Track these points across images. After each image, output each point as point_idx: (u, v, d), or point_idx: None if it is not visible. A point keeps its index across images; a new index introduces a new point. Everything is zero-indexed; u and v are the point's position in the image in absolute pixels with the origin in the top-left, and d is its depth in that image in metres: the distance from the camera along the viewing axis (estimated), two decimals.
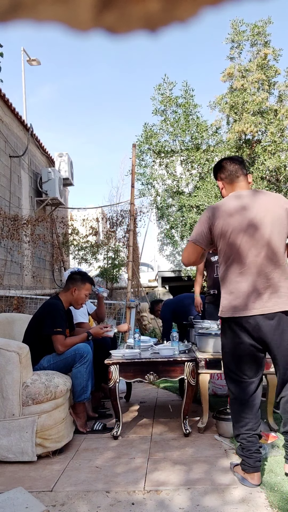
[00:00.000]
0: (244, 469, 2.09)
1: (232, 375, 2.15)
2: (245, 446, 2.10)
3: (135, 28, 0.32)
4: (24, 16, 0.31)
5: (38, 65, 9.43)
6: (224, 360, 2.21)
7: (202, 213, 2.23)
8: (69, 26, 0.32)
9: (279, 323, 2.01)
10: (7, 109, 6.44)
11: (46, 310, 3.04)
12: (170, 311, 4.72)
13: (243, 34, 8.30)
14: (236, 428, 2.16)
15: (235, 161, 2.24)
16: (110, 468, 2.37)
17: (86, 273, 3.34)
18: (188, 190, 8.89)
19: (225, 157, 2.33)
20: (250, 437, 2.09)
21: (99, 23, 0.32)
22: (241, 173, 2.21)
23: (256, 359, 2.10)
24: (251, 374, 2.11)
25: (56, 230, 8.55)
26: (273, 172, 8.31)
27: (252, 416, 2.11)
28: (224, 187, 2.25)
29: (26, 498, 1.96)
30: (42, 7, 0.31)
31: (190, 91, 8.50)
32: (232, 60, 8.59)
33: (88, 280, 3.24)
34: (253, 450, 2.08)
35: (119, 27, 0.32)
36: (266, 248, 2.03)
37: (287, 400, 2.08)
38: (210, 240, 2.17)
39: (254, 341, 2.06)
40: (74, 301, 3.19)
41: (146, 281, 11.38)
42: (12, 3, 0.31)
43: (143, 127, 8.67)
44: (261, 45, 8.31)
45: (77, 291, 3.16)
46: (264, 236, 2.04)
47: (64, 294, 3.19)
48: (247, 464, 2.08)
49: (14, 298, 5.68)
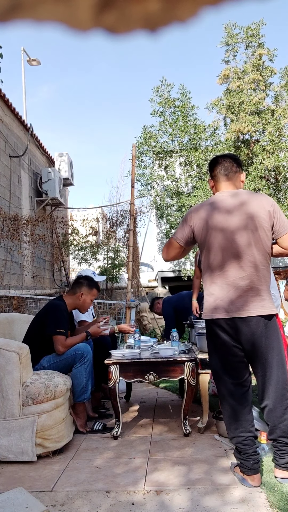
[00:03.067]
0: (243, 472, 2.07)
1: (220, 377, 2.13)
2: (242, 449, 2.06)
3: (135, 28, 0.32)
4: (24, 16, 0.31)
5: (38, 65, 9.43)
6: (211, 362, 2.20)
7: (185, 213, 2.23)
8: (69, 26, 0.32)
9: (258, 327, 1.99)
10: (7, 109, 6.44)
11: (49, 310, 3.05)
12: (172, 308, 4.74)
13: (237, 37, 8.32)
14: (230, 431, 2.13)
15: (228, 158, 2.22)
16: (110, 468, 2.37)
17: (93, 279, 3.36)
18: (187, 190, 8.90)
19: (219, 155, 2.32)
20: (245, 440, 2.06)
21: (99, 23, 0.32)
22: (232, 170, 2.18)
23: (242, 361, 2.08)
24: (239, 376, 2.09)
25: (56, 230, 8.55)
26: (272, 171, 8.32)
27: (244, 418, 2.07)
28: (214, 185, 2.24)
29: (26, 498, 1.96)
30: (42, 7, 0.31)
31: (187, 94, 8.51)
32: (228, 63, 8.62)
33: (95, 286, 3.27)
34: (250, 452, 2.05)
35: (119, 27, 0.32)
36: (248, 251, 2.02)
37: (270, 409, 2.05)
38: (191, 239, 2.19)
39: (235, 343, 2.05)
40: (80, 306, 3.21)
41: (146, 281, 11.37)
42: (12, 3, 0.31)
43: (142, 129, 8.68)
44: (256, 46, 8.33)
45: (84, 296, 3.18)
46: (246, 238, 2.03)
47: (70, 298, 3.20)
48: (245, 467, 2.05)
49: (14, 298, 5.68)
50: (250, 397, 2.13)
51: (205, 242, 2.11)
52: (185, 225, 2.19)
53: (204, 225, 2.11)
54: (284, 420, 2.03)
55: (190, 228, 2.16)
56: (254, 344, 2.01)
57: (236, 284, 2.02)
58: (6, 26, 0.32)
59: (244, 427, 2.07)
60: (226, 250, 2.04)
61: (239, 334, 2.02)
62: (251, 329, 2.00)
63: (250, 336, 2.00)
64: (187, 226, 2.18)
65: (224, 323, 2.04)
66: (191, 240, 2.19)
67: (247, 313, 1.99)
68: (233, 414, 2.10)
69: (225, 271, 2.04)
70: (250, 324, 1.99)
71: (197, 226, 2.14)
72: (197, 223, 2.14)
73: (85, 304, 3.20)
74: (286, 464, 2.06)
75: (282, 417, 2.03)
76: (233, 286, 2.02)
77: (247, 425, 2.08)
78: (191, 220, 2.16)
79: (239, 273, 2.02)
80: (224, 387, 2.12)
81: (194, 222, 2.15)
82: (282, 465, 2.07)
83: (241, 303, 2.01)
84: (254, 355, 2.04)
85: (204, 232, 2.11)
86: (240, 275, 2.02)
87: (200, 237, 2.14)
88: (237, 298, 2.01)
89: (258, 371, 2.07)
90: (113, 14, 0.31)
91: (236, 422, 2.08)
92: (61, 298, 3.21)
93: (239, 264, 2.02)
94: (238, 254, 2.02)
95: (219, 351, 2.11)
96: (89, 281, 3.26)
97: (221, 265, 2.05)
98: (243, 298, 2.01)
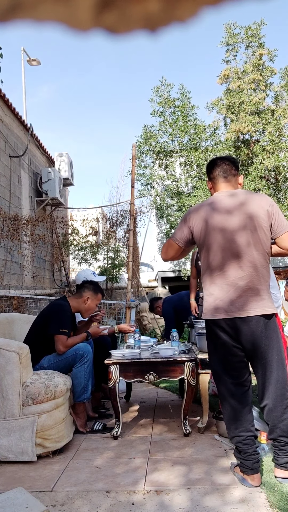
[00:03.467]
0: (243, 471, 2.07)
1: (220, 377, 2.13)
2: (242, 449, 2.07)
3: (135, 28, 0.32)
4: (24, 16, 0.31)
5: (38, 65, 9.43)
6: (211, 362, 2.20)
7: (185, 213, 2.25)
8: (69, 26, 0.32)
9: (257, 326, 2.00)
10: (7, 109, 6.44)
11: (53, 310, 3.05)
12: (172, 308, 4.74)
13: (237, 37, 8.33)
14: (230, 431, 2.13)
15: (226, 160, 2.22)
16: (110, 468, 2.37)
17: (98, 284, 3.39)
18: (187, 190, 8.90)
19: (218, 157, 2.33)
20: (245, 440, 2.06)
21: (99, 23, 0.32)
22: (231, 173, 2.19)
23: (242, 361, 2.09)
24: (239, 376, 2.09)
25: (56, 230, 8.55)
26: (272, 171, 8.33)
27: (244, 418, 2.08)
28: (213, 186, 2.25)
29: (26, 498, 1.96)
30: (42, 7, 0.31)
31: (187, 94, 8.52)
32: (228, 63, 8.63)
33: (100, 292, 3.30)
34: (250, 452, 2.05)
35: (119, 27, 0.32)
36: (247, 251, 2.02)
37: (270, 408, 2.05)
38: (190, 240, 2.19)
39: (235, 343, 2.05)
40: (84, 310, 3.22)
41: (146, 281, 11.37)
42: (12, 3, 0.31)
43: (142, 129, 8.69)
44: (256, 46, 8.34)
45: (90, 300, 3.19)
46: (245, 239, 2.03)
47: (75, 300, 3.20)
48: (245, 467, 2.05)
49: (14, 298, 5.68)
50: (250, 397, 2.13)
51: (204, 242, 2.11)
52: (184, 226, 2.19)
53: (203, 225, 2.11)
54: (284, 420, 2.03)
55: (189, 229, 2.16)
56: (254, 344, 2.01)
57: (236, 284, 2.02)
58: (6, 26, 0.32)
59: (244, 427, 2.07)
60: (226, 250, 2.04)
61: (239, 334, 2.02)
62: (251, 329, 2.00)
63: (250, 336, 2.00)
64: (186, 227, 2.18)
65: (224, 323, 2.04)
66: (190, 240, 2.19)
67: (247, 313, 1.99)
68: (233, 413, 2.10)
69: (225, 271, 2.04)
70: (250, 324, 2.00)
71: (196, 227, 2.14)
72: (196, 224, 2.14)
73: (90, 309, 3.23)
74: (286, 464, 2.06)
75: (282, 417, 2.03)
76: (233, 286, 2.02)
77: (247, 425, 2.08)
78: (190, 221, 2.16)
79: (239, 273, 2.02)
80: (224, 387, 2.12)
81: (194, 222, 2.15)
82: (282, 464, 2.07)
83: (240, 303, 2.01)
84: (254, 355, 2.04)
85: (204, 232, 2.10)
86: (240, 275, 2.02)
87: (199, 238, 2.14)
88: (237, 298, 2.01)
89: (258, 370, 2.07)
90: (113, 14, 0.31)
91: (236, 421, 2.09)
92: (65, 299, 3.21)
93: (238, 264, 2.02)
94: (238, 254, 2.02)
95: (219, 351, 2.11)
96: (94, 286, 3.27)
97: (221, 265, 2.05)
98: (243, 298, 2.01)
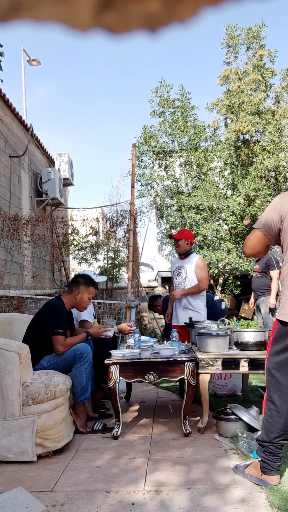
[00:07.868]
0: (265, 472, 2.04)
1: (277, 378, 1.98)
2: (272, 451, 2.02)
3: (135, 28, 0.32)
4: (24, 16, 0.31)
5: (38, 65, 9.43)
6: (272, 363, 2.00)
7: (274, 199, 1.93)
8: (69, 26, 0.32)
9: None
10: (7, 109, 6.44)
11: (47, 311, 3.05)
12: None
13: (238, 38, 8.33)
14: (266, 435, 2.04)
15: None
16: (110, 468, 2.37)
17: (90, 277, 3.34)
18: (187, 190, 8.90)
19: None
20: (279, 444, 2.03)
21: (99, 23, 0.32)
22: None
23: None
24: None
25: (56, 230, 8.55)
26: (272, 171, 8.33)
27: (286, 428, 2.02)
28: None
29: (26, 498, 1.96)
30: (42, 7, 0.31)
31: (187, 94, 8.52)
32: (229, 65, 8.64)
33: (92, 284, 3.24)
34: (280, 455, 2.03)
35: (119, 27, 0.32)
36: None
37: None
38: (277, 231, 1.88)
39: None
40: (77, 305, 3.20)
41: (146, 281, 11.36)
42: (12, 3, 0.31)
43: (142, 129, 8.69)
44: (257, 48, 8.34)
45: (80, 294, 3.16)
46: None
47: (67, 297, 3.19)
48: (270, 468, 2.03)
49: (14, 298, 5.68)
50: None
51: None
52: (273, 213, 1.87)
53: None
54: None
55: (280, 218, 1.85)
56: None
57: None
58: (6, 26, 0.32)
59: (282, 434, 2.02)
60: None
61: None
62: None
63: None
64: (276, 214, 1.86)
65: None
66: (277, 231, 1.88)
67: None
68: (278, 423, 2.01)
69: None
70: None
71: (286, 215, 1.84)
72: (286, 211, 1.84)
73: (82, 302, 3.18)
74: None
75: None
76: None
77: (284, 431, 2.02)
78: (281, 208, 1.84)
79: None
80: (280, 396, 1.98)
81: (286, 209, 1.84)
82: None
83: None
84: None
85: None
86: None
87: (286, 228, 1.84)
88: None
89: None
90: (113, 14, 0.31)
91: (279, 431, 2.01)
92: (59, 298, 3.21)
93: None
94: None
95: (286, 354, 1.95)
96: (85, 279, 3.24)
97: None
98: None
